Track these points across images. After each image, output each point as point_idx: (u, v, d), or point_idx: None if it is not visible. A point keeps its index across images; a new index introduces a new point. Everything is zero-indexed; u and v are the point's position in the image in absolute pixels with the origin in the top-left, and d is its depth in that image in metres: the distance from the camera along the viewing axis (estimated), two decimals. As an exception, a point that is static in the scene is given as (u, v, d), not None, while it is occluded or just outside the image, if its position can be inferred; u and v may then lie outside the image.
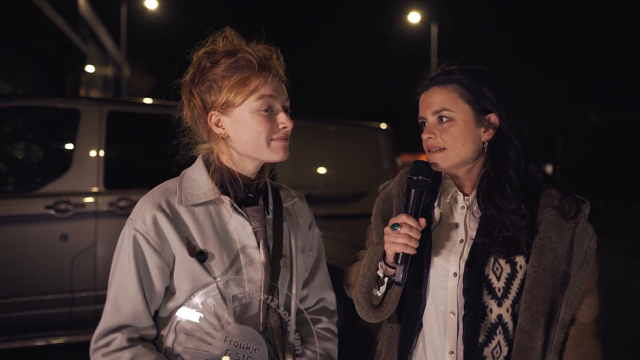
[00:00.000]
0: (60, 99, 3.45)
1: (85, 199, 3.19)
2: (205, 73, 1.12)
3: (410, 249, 1.10)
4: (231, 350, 1.04)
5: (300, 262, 1.23)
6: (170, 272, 1.09)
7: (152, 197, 1.11)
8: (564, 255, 1.14)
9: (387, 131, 4.59)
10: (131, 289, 1.06)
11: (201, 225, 1.10)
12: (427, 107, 1.24)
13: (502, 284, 1.16)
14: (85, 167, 3.22)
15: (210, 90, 1.12)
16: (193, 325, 1.06)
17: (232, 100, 1.09)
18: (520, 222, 1.15)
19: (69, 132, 3.28)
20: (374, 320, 1.21)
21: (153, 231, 1.06)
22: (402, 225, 1.11)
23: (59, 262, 3.10)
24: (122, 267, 1.07)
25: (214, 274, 1.08)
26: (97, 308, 3.19)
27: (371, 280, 1.19)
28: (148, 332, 1.09)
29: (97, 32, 16.90)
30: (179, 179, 1.16)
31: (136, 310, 1.06)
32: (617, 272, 6.13)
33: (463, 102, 1.20)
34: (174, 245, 1.07)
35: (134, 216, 1.09)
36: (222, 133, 1.13)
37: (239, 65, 1.10)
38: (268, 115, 1.11)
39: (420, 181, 1.14)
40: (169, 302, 1.10)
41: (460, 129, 1.19)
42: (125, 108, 3.59)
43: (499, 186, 1.18)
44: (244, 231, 1.12)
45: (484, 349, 1.15)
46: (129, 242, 1.07)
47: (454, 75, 1.22)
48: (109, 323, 1.06)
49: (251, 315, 1.11)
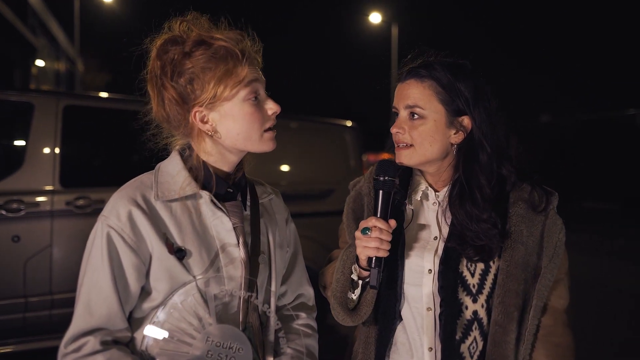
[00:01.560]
0: (12, 92, 3.25)
1: (39, 198, 3.02)
2: (179, 65, 1.04)
3: (383, 252, 1.09)
4: (212, 351, 0.99)
5: (279, 258, 1.20)
6: (146, 271, 1.03)
7: (127, 192, 1.05)
8: (535, 248, 1.16)
9: (353, 129, 4.61)
10: (105, 289, 0.99)
11: (179, 221, 1.05)
12: (400, 99, 1.21)
13: (477, 280, 1.17)
14: (39, 164, 3.05)
15: (192, 83, 1.04)
16: (171, 326, 1.01)
17: (221, 94, 1.03)
18: (492, 230, 1.15)
19: (22, 127, 3.09)
20: (351, 323, 1.19)
21: (129, 228, 1.01)
22: (372, 229, 1.08)
23: (11, 265, 2.93)
24: (94, 266, 1.01)
25: (193, 272, 1.03)
26: (53, 313, 3.04)
27: (345, 285, 1.18)
28: (122, 334, 1.02)
29: (48, 25, 16.12)
30: (154, 173, 1.10)
31: (110, 312, 1.00)
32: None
33: (438, 101, 1.17)
34: (151, 242, 1.02)
35: (107, 212, 1.03)
36: (209, 129, 1.08)
37: (220, 55, 1.03)
38: (256, 103, 1.07)
39: (386, 182, 1.11)
40: (145, 302, 1.04)
41: (430, 128, 1.17)
42: (82, 102, 3.42)
43: (471, 193, 1.17)
44: (223, 227, 1.08)
45: (461, 345, 1.16)
46: (102, 239, 1.00)
47: (434, 71, 1.18)
48: (80, 326, 0.99)
49: (231, 314, 1.07)
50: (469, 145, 1.19)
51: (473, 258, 1.15)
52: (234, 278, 1.07)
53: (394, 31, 19.28)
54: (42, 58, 15.23)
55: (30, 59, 13.62)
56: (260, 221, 1.18)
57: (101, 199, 3.17)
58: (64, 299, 3.05)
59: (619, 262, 7.32)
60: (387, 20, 19.83)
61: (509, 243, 1.15)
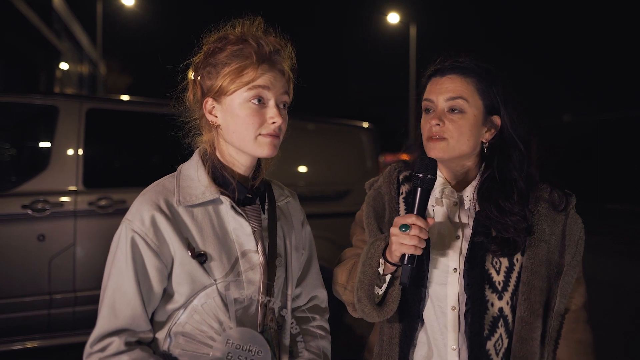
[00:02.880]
0: (38, 96, 3.35)
1: (63, 198, 3.11)
2: (210, 57, 1.10)
3: (419, 250, 1.08)
4: (232, 353, 1.02)
5: (295, 261, 1.22)
6: (168, 274, 1.06)
7: (150, 197, 1.07)
8: (557, 246, 1.18)
9: (370, 130, 4.62)
10: (129, 292, 1.02)
11: (200, 226, 1.07)
12: (440, 92, 1.20)
13: (502, 278, 1.17)
14: (63, 165, 3.14)
15: (209, 75, 1.10)
16: (193, 328, 1.04)
17: (225, 88, 1.07)
18: (522, 223, 1.16)
19: (47, 130, 3.19)
20: (377, 319, 1.18)
21: (152, 232, 1.03)
22: (411, 227, 1.07)
23: (37, 263, 3.02)
24: (119, 269, 1.04)
25: (214, 276, 1.06)
26: (77, 310, 3.12)
27: (373, 278, 1.17)
28: (145, 335, 1.06)
29: (71, 29, 16.49)
30: (176, 177, 1.12)
31: (134, 314, 1.03)
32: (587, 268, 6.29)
33: (479, 97, 1.19)
34: (173, 246, 1.04)
35: (131, 216, 1.05)
36: (213, 121, 1.11)
37: (241, 54, 1.07)
38: (258, 107, 1.07)
39: (427, 179, 1.10)
40: (167, 304, 1.07)
41: (470, 123, 1.18)
42: (105, 105, 3.50)
43: (504, 188, 1.18)
44: (243, 231, 1.10)
45: (487, 342, 1.16)
46: (126, 243, 1.03)
47: (475, 68, 1.20)
48: (105, 327, 1.02)
49: (249, 317, 1.10)
50: (501, 142, 1.22)
51: (497, 252, 1.16)
52: (253, 282, 1.09)
53: (412, 31, 19.17)
54: (66, 61, 15.60)
55: (54, 62, 13.94)
56: (277, 224, 1.20)
57: (122, 199, 3.25)
58: (86, 296, 3.14)
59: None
60: (405, 20, 19.73)
61: (532, 241, 1.17)
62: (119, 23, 24.03)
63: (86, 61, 20.14)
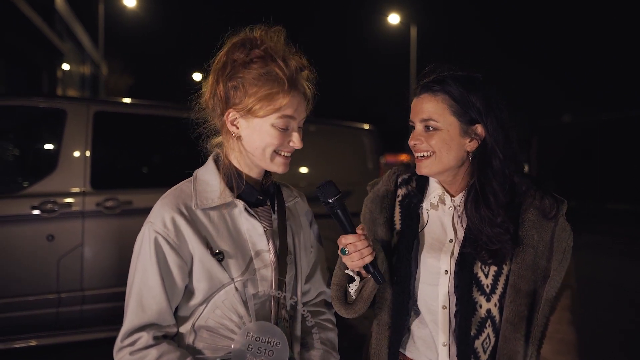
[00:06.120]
0: (46, 99, 3.42)
1: (71, 199, 3.17)
2: (237, 69, 1.13)
3: (368, 258, 1.14)
4: (252, 345, 1.10)
5: (304, 258, 1.29)
6: (189, 271, 1.13)
7: (170, 200, 1.15)
8: (544, 252, 1.22)
9: (371, 131, 4.68)
10: (155, 287, 1.09)
11: (217, 227, 1.15)
12: (416, 113, 1.27)
13: (490, 281, 1.23)
14: (71, 167, 3.21)
15: (236, 90, 1.14)
16: (215, 322, 1.12)
17: (256, 111, 1.12)
18: (505, 235, 1.21)
19: (55, 132, 3.26)
20: (346, 315, 1.26)
21: (173, 232, 1.10)
22: (347, 247, 1.15)
23: (46, 263, 3.09)
24: (144, 267, 1.10)
25: (231, 273, 1.13)
26: (84, 308, 3.20)
27: (342, 278, 1.25)
28: (171, 329, 1.12)
29: (74, 29, 16.55)
30: (192, 182, 1.19)
31: (160, 309, 1.10)
32: (584, 268, 6.33)
33: (450, 114, 1.23)
34: (192, 245, 1.11)
35: (153, 219, 1.12)
36: (235, 132, 1.17)
37: (270, 77, 1.12)
38: (283, 131, 1.15)
39: (334, 203, 1.15)
40: (188, 301, 1.14)
41: (444, 137, 1.23)
42: (112, 108, 3.56)
43: (484, 198, 1.23)
44: (256, 232, 1.18)
45: (475, 341, 1.22)
46: (149, 243, 1.10)
47: (446, 86, 1.24)
48: (134, 322, 1.09)
49: (264, 311, 1.17)
50: (482, 152, 1.26)
51: (487, 261, 1.22)
52: (266, 279, 1.17)
53: (412, 32, 19.22)
54: (68, 62, 15.64)
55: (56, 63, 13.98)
56: (287, 224, 1.26)
57: (129, 200, 3.32)
58: (94, 295, 3.21)
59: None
60: (406, 21, 19.76)
61: (521, 247, 1.22)
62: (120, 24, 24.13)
63: (88, 62, 20.19)
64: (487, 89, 1.26)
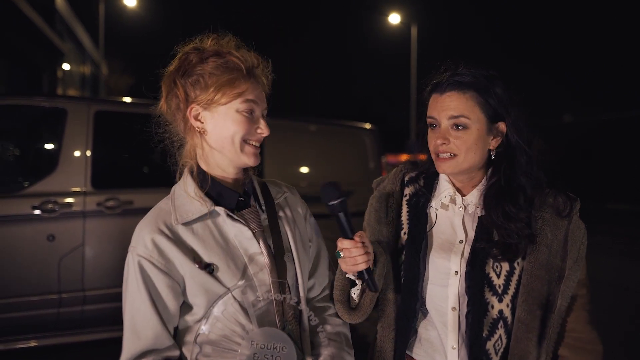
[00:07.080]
0: (46, 98, 3.41)
1: (72, 199, 3.17)
2: (193, 67, 1.13)
3: (363, 265, 1.12)
4: (258, 353, 1.06)
5: (302, 254, 1.24)
6: (182, 290, 1.10)
7: (150, 221, 1.12)
8: (558, 251, 1.19)
9: (372, 131, 4.67)
10: (146, 312, 1.07)
11: (202, 239, 1.11)
12: (442, 110, 1.21)
13: (502, 281, 1.20)
14: (72, 166, 3.20)
15: (196, 84, 1.13)
16: (217, 335, 1.08)
17: (218, 99, 1.11)
18: (526, 229, 1.18)
19: (56, 132, 3.25)
20: (350, 321, 1.24)
21: (156, 253, 1.08)
22: (342, 251, 1.13)
23: (46, 263, 3.08)
24: (132, 294, 1.08)
25: (225, 284, 1.10)
26: (85, 309, 3.19)
27: (344, 283, 1.23)
28: (171, 352, 1.09)
29: (74, 29, 16.55)
30: (171, 198, 1.17)
31: (156, 333, 1.07)
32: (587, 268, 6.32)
33: (480, 111, 1.19)
34: (180, 263, 1.08)
35: (135, 243, 1.10)
36: (199, 127, 1.14)
37: (228, 66, 1.12)
38: (248, 118, 1.14)
39: (337, 205, 1.13)
40: (188, 316, 1.11)
41: (474, 137, 1.19)
42: (112, 107, 3.56)
43: (511, 194, 1.20)
44: (243, 236, 1.14)
45: (487, 342, 1.19)
46: (134, 268, 1.08)
47: (474, 82, 1.20)
48: (131, 350, 1.06)
49: (269, 316, 1.13)
50: (507, 148, 1.23)
51: (498, 257, 1.19)
52: (264, 283, 1.13)
53: (413, 32, 19.21)
54: (68, 62, 15.64)
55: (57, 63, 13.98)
56: (278, 221, 1.23)
57: (129, 200, 3.31)
58: (95, 295, 3.20)
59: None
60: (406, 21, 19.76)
61: (534, 245, 1.19)
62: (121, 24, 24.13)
63: (88, 62, 20.20)
64: (508, 85, 1.23)
